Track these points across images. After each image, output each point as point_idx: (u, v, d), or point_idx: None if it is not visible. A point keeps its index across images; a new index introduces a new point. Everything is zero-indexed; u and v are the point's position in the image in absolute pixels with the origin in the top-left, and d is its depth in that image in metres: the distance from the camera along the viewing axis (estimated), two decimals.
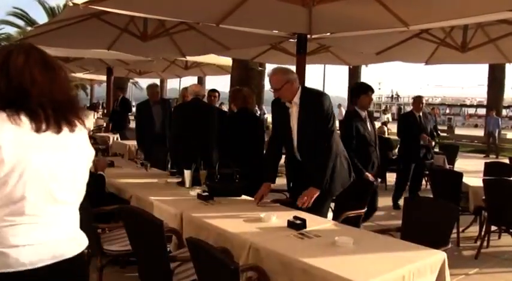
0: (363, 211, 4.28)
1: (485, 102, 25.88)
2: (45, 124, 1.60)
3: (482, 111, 38.56)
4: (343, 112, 24.19)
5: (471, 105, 53.61)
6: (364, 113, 5.16)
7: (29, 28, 27.79)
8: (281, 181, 8.26)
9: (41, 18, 34.76)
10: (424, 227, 3.51)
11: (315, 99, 3.73)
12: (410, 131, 7.18)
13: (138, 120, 7.54)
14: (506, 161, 8.16)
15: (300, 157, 3.92)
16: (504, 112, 32.43)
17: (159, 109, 7.37)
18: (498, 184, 5.23)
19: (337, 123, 4.06)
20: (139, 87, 50.22)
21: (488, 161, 7.63)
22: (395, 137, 10.16)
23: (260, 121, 5.76)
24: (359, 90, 5.18)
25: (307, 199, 3.65)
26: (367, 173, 4.95)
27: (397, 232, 3.55)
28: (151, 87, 7.61)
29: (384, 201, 7.92)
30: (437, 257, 2.75)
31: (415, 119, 7.16)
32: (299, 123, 3.78)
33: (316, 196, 3.67)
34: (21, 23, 32.03)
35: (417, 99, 7.31)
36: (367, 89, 5.17)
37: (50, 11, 31.44)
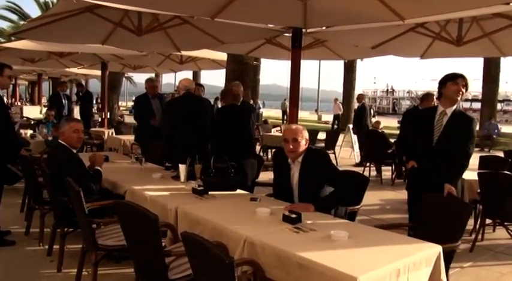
0: (359, 206, 4.29)
1: (480, 97, 25.97)
2: None
3: (477, 105, 38.66)
4: (340, 106, 24.20)
5: (466, 99, 53.69)
6: (442, 109, 4.19)
7: (22, 22, 27.58)
8: None
9: (35, 12, 34.50)
10: (437, 222, 3.53)
11: (317, 159, 3.87)
12: None
13: (138, 115, 7.50)
14: (501, 154, 8.19)
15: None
16: (499, 106, 32.54)
17: (158, 103, 7.36)
18: (493, 177, 5.25)
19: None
20: (133, 82, 50.06)
21: (483, 154, 7.64)
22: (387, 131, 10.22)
23: (244, 111, 5.72)
24: (445, 78, 4.20)
25: (297, 208, 3.53)
26: (410, 162, 4.32)
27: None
28: (150, 81, 7.57)
29: (379, 195, 7.96)
30: (432, 250, 2.76)
31: None
32: (300, 180, 3.90)
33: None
34: (14, 17, 31.83)
35: (431, 97, 6.93)
36: (456, 76, 4.13)
37: (44, 6, 31.20)
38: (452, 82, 4.11)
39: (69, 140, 4.49)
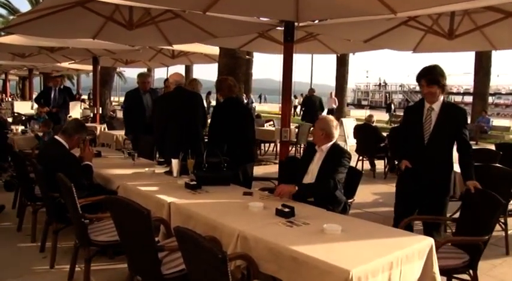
0: (352, 200, 4.31)
1: (471, 90, 26.11)
2: None
3: (468, 98, 38.85)
4: (336, 101, 24.18)
5: (458, 93, 54.00)
6: (428, 106, 4.05)
7: (11, 17, 27.30)
8: (269, 169, 8.29)
9: (24, 7, 34.21)
10: (475, 217, 3.63)
11: (338, 155, 4.03)
12: None
13: (128, 109, 7.47)
14: (492, 147, 8.24)
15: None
16: (490, 99, 32.74)
17: (149, 98, 7.34)
18: (484, 170, 5.27)
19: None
20: (123, 77, 49.74)
21: (474, 147, 7.68)
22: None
23: (248, 109, 5.72)
24: (417, 77, 4.08)
25: (282, 188, 3.82)
26: (404, 161, 4.23)
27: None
28: (142, 76, 7.54)
29: (372, 188, 7.99)
30: (424, 243, 2.78)
31: None
32: (320, 170, 4.04)
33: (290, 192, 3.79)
34: (3, 12, 31.54)
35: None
36: (419, 76, 4.02)
37: (34, 0, 30.91)
38: (420, 84, 4.07)
39: (75, 145, 4.64)
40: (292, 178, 4.23)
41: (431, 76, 3.97)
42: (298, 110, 34.22)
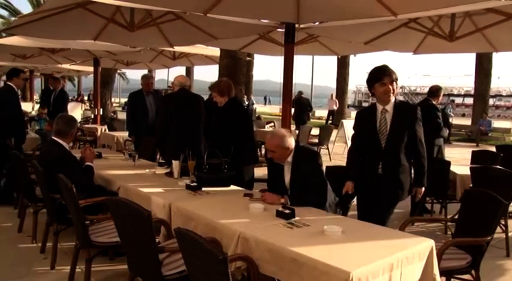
0: (352, 201, 4.31)
1: (472, 92, 26.13)
2: None
3: (469, 100, 38.83)
4: (337, 102, 24.14)
5: (459, 95, 53.97)
6: (381, 108, 3.83)
7: (13, 18, 27.32)
8: None
9: (26, 8, 34.31)
10: (476, 218, 3.63)
11: (306, 158, 3.83)
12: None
13: (132, 110, 7.50)
14: (493, 149, 8.23)
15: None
16: (491, 101, 32.73)
17: (152, 99, 7.39)
18: (485, 172, 5.28)
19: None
20: (125, 78, 49.81)
21: (475, 149, 7.67)
22: None
23: (248, 112, 5.74)
24: (371, 79, 3.85)
25: (265, 200, 3.68)
26: (347, 183, 4.00)
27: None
28: (146, 78, 7.60)
29: None
30: (425, 244, 2.78)
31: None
32: (291, 180, 3.88)
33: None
34: (4, 13, 31.54)
35: (440, 91, 6.76)
36: (381, 76, 3.76)
37: (35, 1, 30.92)
38: (379, 83, 3.76)
39: (72, 139, 4.75)
40: None
41: (393, 74, 3.78)
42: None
